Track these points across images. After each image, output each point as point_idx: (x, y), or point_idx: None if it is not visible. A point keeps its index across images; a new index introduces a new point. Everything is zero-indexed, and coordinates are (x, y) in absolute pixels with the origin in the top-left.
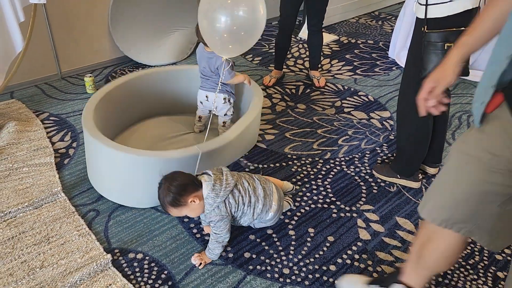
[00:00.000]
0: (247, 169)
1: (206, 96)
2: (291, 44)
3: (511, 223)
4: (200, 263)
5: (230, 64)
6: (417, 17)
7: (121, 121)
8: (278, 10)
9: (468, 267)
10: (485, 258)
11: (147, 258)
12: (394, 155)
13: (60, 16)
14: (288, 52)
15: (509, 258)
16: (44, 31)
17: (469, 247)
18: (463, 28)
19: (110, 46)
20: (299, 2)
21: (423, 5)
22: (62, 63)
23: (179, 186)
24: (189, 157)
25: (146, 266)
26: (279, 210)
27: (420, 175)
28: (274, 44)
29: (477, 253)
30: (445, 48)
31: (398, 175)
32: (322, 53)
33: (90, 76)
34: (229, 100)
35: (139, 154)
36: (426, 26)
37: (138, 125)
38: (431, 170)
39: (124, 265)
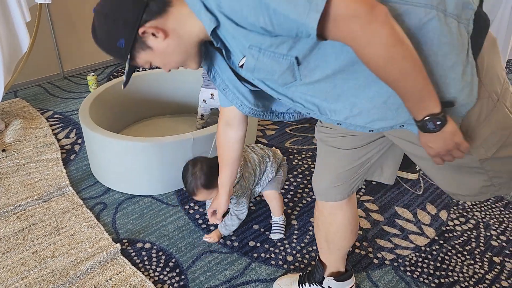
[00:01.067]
0: None
1: (211, 94)
2: None
3: (395, 158)
4: (212, 238)
5: None
6: None
7: (118, 122)
8: None
9: (465, 253)
10: (481, 244)
11: (154, 247)
12: None
13: (63, 16)
14: None
15: (504, 244)
16: (47, 30)
17: (465, 234)
18: None
19: None
20: None
21: None
22: (65, 62)
23: (212, 167)
24: (184, 141)
25: (154, 255)
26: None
27: (417, 166)
28: None
29: (473, 240)
30: None
31: None
32: None
33: (93, 75)
34: None
35: (136, 141)
36: None
37: (133, 127)
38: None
39: (133, 254)
